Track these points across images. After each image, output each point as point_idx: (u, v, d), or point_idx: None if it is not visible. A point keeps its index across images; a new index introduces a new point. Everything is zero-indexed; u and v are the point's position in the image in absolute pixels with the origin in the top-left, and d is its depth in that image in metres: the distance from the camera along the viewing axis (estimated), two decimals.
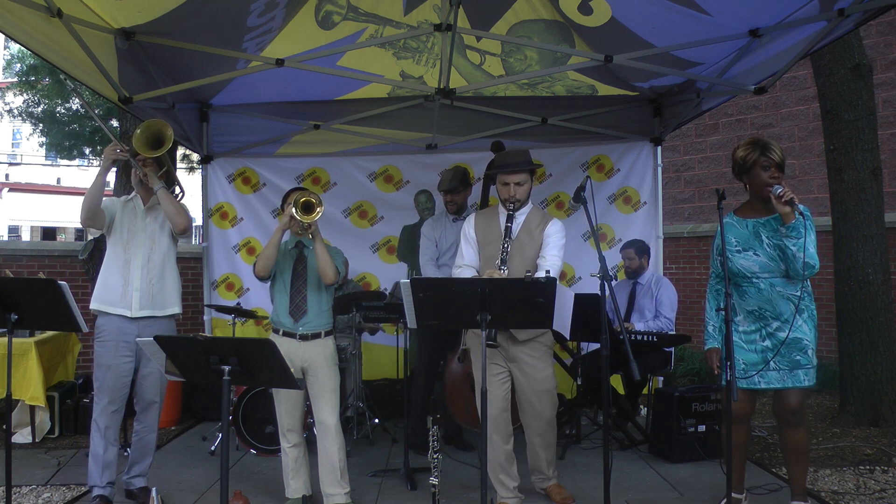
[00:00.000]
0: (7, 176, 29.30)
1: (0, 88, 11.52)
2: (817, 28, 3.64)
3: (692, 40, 4.04)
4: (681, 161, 9.70)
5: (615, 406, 4.98)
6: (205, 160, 5.89)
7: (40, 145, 11.35)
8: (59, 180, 29.38)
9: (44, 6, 3.19)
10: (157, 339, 2.58)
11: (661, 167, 5.86)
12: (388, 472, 4.32)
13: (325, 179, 6.02)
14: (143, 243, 3.73)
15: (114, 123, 9.24)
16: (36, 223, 28.31)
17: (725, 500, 3.26)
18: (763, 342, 3.32)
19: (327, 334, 3.74)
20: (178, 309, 3.83)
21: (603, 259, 3.22)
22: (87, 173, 21.93)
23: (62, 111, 9.73)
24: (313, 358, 3.67)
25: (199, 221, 6.11)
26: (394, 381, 5.77)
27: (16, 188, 28.50)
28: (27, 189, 28.37)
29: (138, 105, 4.34)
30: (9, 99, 10.56)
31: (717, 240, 3.44)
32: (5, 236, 26.74)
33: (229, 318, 5.13)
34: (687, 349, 7.42)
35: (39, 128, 10.03)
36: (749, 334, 3.35)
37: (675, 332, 5.05)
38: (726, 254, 3.31)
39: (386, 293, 5.75)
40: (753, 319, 3.35)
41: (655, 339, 4.76)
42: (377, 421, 5.24)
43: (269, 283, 3.78)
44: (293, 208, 3.48)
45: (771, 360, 3.27)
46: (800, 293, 3.27)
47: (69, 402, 5.36)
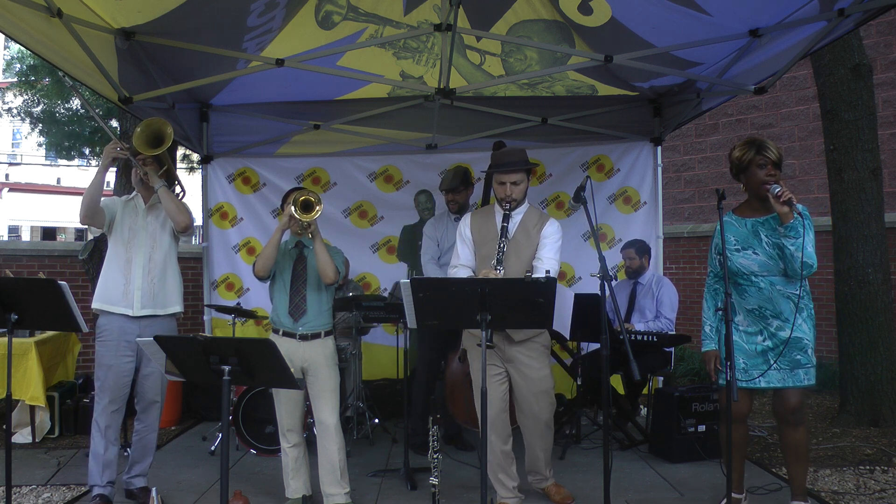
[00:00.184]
0: (7, 176, 29.30)
1: (0, 88, 11.51)
2: (817, 28, 3.64)
3: (692, 40, 4.04)
4: (681, 161, 9.70)
5: (615, 406, 4.98)
6: (205, 160, 5.89)
7: (39, 145, 11.34)
8: (59, 180, 29.40)
9: (44, 6, 3.19)
10: (157, 338, 2.58)
11: (661, 167, 5.86)
12: (388, 472, 4.32)
13: (325, 179, 6.02)
14: (144, 242, 3.73)
15: (113, 123, 9.24)
16: (36, 223, 28.32)
17: (725, 500, 3.27)
18: (765, 342, 3.32)
19: (327, 334, 3.74)
20: (179, 308, 3.84)
21: (603, 259, 3.22)
22: (87, 173, 21.88)
23: (62, 111, 9.71)
24: (313, 358, 3.67)
25: (199, 221, 6.11)
26: (394, 381, 5.77)
27: (16, 188, 28.51)
28: (27, 189, 28.38)
29: (138, 105, 4.34)
30: (8, 99, 10.55)
31: (715, 239, 3.44)
32: (5, 236, 26.74)
33: (229, 318, 5.14)
34: (687, 349, 7.42)
35: (38, 128, 10.01)
36: (750, 335, 3.35)
37: (675, 332, 5.05)
38: (725, 253, 3.31)
39: (386, 293, 5.76)
40: (754, 319, 3.35)
41: (655, 339, 4.76)
42: (377, 421, 5.24)
43: (268, 282, 3.78)
44: (292, 207, 3.48)
45: (775, 361, 3.26)
46: (799, 292, 3.27)
47: (69, 402, 5.36)
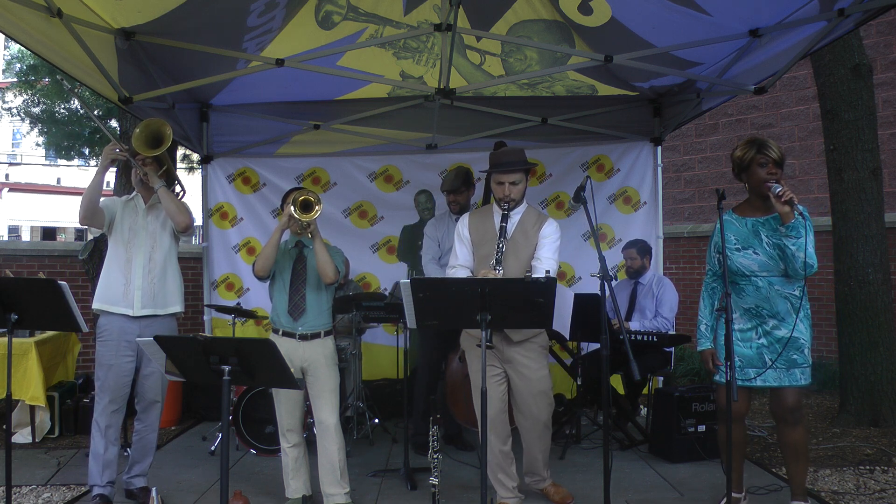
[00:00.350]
0: (7, 176, 29.29)
1: (0, 88, 11.51)
2: (817, 28, 3.64)
3: (692, 40, 4.04)
4: (681, 161, 9.70)
5: (615, 406, 4.98)
6: (205, 160, 5.89)
7: (38, 145, 11.34)
8: (59, 180, 29.39)
9: (44, 6, 3.19)
10: (156, 338, 2.58)
11: (661, 167, 5.86)
12: (388, 472, 4.32)
13: (325, 179, 6.02)
14: (144, 242, 3.73)
15: (113, 124, 9.23)
16: (36, 223, 28.31)
17: (725, 500, 3.27)
18: (759, 340, 3.33)
19: (327, 334, 3.74)
20: (179, 308, 3.83)
21: (603, 259, 3.22)
22: (87, 173, 21.89)
23: (62, 111, 9.71)
24: (313, 358, 3.67)
25: (199, 221, 6.10)
26: (394, 381, 5.77)
27: (16, 188, 28.50)
28: (27, 189, 28.37)
29: (138, 105, 4.34)
30: (8, 98, 10.55)
31: (715, 237, 3.43)
32: (5, 236, 26.73)
33: (229, 318, 5.14)
34: (687, 349, 7.42)
35: (38, 127, 10.01)
36: (745, 332, 3.35)
37: (674, 332, 5.05)
38: (725, 252, 3.32)
39: (386, 293, 5.75)
40: (750, 317, 3.35)
41: (655, 339, 4.76)
42: (377, 421, 5.24)
43: (268, 282, 3.78)
44: (292, 207, 3.48)
45: (774, 361, 3.27)
46: (797, 293, 3.28)
47: (69, 402, 5.36)
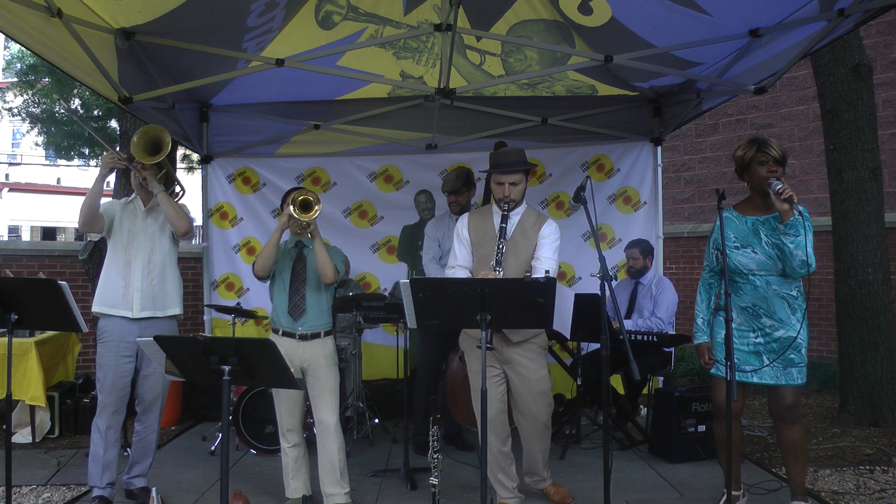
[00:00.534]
0: (7, 176, 29.25)
1: (0, 88, 11.51)
2: (817, 28, 3.64)
3: (692, 40, 4.04)
4: (681, 161, 9.70)
5: (615, 406, 4.98)
6: (205, 160, 5.89)
7: (37, 145, 11.34)
8: (59, 180, 29.34)
9: (44, 6, 3.19)
10: (156, 338, 2.58)
11: (661, 167, 5.86)
12: (388, 472, 4.32)
13: (325, 179, 6.02)
14: (143, 244, 3.73)
15: (113, 124, 9.23)
16: (36, 223, 28.28)
17: (725, 498, 3.27)
18: (757, 339, 3.34)
19: (327, 334, 3.74)
20: (179, 310, 3.83)
21: (603, 259, 3.22)
22: (87, 173, 21.91)
23: (62, 111, 9.71)
24: (313, 358, 3.67)
25: (200, 221, 6.10)
26: (394, 381, 5.77)
27: (16, 188, 28.46)
28: (27, 189, 28.33)
29: (138, 105, 4.34)
30: (9, 98, 10.54)
31: (714, 234, 3.45)
32: (5, 236, 26.71)
33: (229, 318, 5.14)
34: (687, 349, 7.42)
35: (37, 127, 10.01)
36: (742, 330, 3.36)
37: (675, 332, 5.05)
38: (722, 250, 3.33)
39: (386, 293, 5.75)
40: (747, 317, 3.36)
41: (655, 339, 4.76)
42: (377, 421, 5.24)
43: (268, 282, 3.78)
44: (291, 207, 3.48)
45: (773, 361, 3.27)
46: (794, 293, 3.29)
47: (69, 402, 5.36)
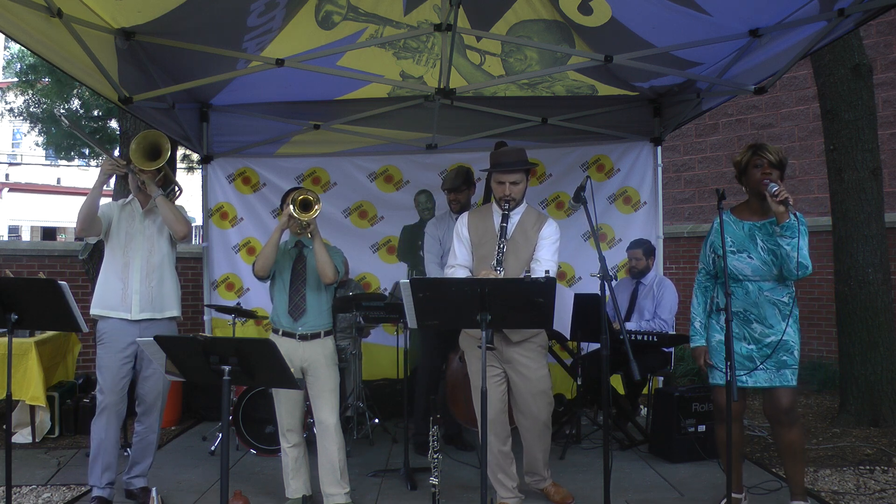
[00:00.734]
0: (7, 176, 29.24)
1: (0, 88, 11.51)
2: (817, 28, 3.64)
3: (692, 40, 4.04)
4: (681, 161, 9.70)
5: (615, 406, 4.98)
6: (205, 160, 5.89)
7: (37, 145, 11.34)
8: (59, 180, 29.33)
9: (44, 6, 3.19)
10: (157, 339, 2.58)
11: (661, 167, 5.86)
12: (388, 472, 4.32)
13: (325, 179, 6.02)
14: (141, 246, 3.72)
15: (113, 124, 9.23)
16: (36, 223, 28.27)
17: (725, 500, 3.27)
18: (748, 345, 3.35)
19: (327, 334, 3.74)
20: (177, 312, 3.82)
21: (603, 259, 3.22)
22: (87, 173, 21.91)
23: (62, 111, 9.71)
24: (313, 358, 3.67)
25: (200, 221, 6.10)
26: (394, 381, 5.77)
27: (16, 188, 28.45)
28: (27, 189, 28.32)
29: (138, 105, 4.34)
30: (9, 99, 10.54)
31: (710, 236, 3.46)
32: (5, 236, 26.70)
33: (229, 318, 5.14)
34: (687, 349, 7.41)
35: (38, 127, 10.01)
36: (734, 338, 3.35)
37: (674, 333, 5.05)
38: (718, 253, 3.35)
39: (386, 293, 5.75)
40: (738, 322, 3.37)
41: (655, 340, 4.76)
42: (377, 421, 5.24)
43: (268, 282, 3.78)
44: (291, 207, 3.48)
45: (763, 362, 3.29)
46: (786, 299, 3.31)
47: (69, 402, 5.36)
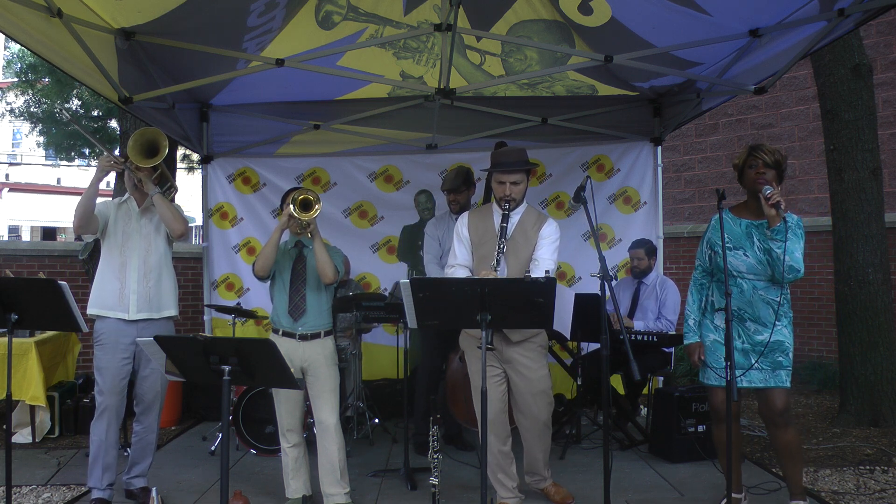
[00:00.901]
0: (7, 176, 29.26)
1: (0, 88, 11.52)
2: (817, 28, 3.64)
3: (692, 40, 4.04)
4: (681, 161, 9.70)
5: (615, 406, 4.98)
6: (205, 160, 5.89)
7: (38, 145, 11.35)
8: (59, 180, 29.35)
9: (44, 6, 3.19)
10: (157, 338, 2.58)
11: (661, 167, 5.86)
12: (388, 472, 4.32)
13: (325, 179, 6.02)
14: (138, 245, 3.71)
15: (113, 124, 9.24)
16: (36, 223, 28.28)
17: (725, 500, 3.27)
18: (743, 344, 3.35)
19: (327, 334, 3.74)
20: (174, 311, 3.81)
21: (603, 259, 3.22)
22: (87, 173, 21.89)
23: (62, 112, 9.71)
24: (313, 358, 3.67)
25: (199, 221, 6.10)
26: (394, 381, 5.77)
27: (16, 188, 28.47)
28: (27, 189, 28.34)
29: (138, 105, 4.33)
30: (10, 99, 10.55)
31: (708, 234, 3.47)
32: (5, 236, 26.71)
33: (229, 318, 5.14)
34: None
35: (38, 127, 10.02)
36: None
37: (675, 333, 5.04)
38: (715, 249, 3.36)
39: (386, 293, 5.75)
40: (733, 321, 3.35)
41: (655, 339, 4.76)
42: (377, 421, 5.24)
43: (268, 282, 3.78)
44: (291, 206, 3.48)
45: (757, 361, 3.29)
46: (779, 299, 3.31)
47: (69, 402, 5.36)
